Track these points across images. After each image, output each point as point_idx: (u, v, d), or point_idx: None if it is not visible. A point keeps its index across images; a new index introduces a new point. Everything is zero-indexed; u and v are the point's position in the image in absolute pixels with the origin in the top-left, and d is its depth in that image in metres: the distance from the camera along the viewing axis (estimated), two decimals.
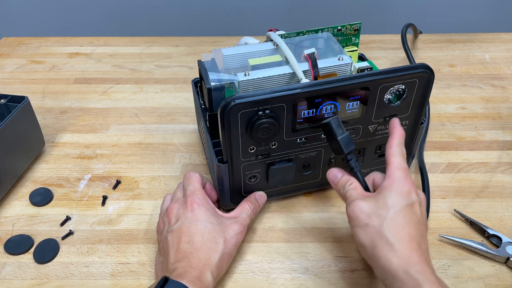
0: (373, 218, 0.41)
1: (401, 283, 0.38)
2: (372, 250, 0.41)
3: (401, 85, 0.50)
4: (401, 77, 0.49)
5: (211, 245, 0.47)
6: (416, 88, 0.51)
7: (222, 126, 0.48)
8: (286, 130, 0.51)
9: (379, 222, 0.41)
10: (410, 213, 0.41)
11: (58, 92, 0.81)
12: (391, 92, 0.51)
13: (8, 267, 0.52)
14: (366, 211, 0.42)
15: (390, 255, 0.39)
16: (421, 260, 0.39)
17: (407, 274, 0.38)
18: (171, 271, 0.44)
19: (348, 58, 0.53)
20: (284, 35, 0.57)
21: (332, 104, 0.50)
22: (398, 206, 0.41)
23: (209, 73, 0.52)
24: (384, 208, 0.41)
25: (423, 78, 0.50)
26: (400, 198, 0.42)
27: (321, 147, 0.54)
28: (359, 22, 0.59)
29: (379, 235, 0.40)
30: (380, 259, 0.40)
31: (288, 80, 0.52)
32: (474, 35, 0.97)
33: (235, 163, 0.52)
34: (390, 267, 0.39)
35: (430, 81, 0.51)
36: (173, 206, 0.51)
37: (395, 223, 0.40)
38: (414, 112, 0.54)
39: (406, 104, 0.53)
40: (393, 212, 0.41)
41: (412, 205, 0.42)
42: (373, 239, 0.41)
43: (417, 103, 0.53)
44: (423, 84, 0.51)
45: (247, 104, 0.46)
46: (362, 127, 0.54)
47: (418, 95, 0.52)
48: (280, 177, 0.55)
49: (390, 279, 0.39)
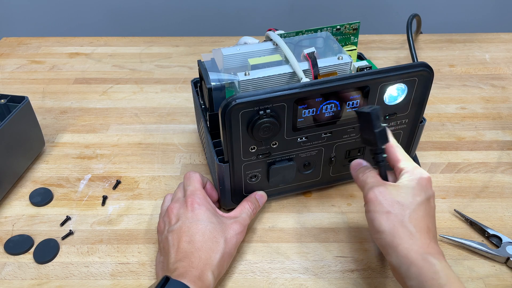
0: (396, 207, 0.43)
1: (418, 268, 0.40)
2: (392, 238, 0.42)
3: (401, 84, 0.51)
4: (401, 76, 0.50)
5: (212, 245, 0.47)
6: (416, 86, 0.51)
7: (223, 126, 0.48)
8: (287, 129, 0.51)
9: (402, 212, 0.42)
10: (428, 206, 0.44)
11: (58, 92, 0.81)
12: (391, 91, 0.51)
13: (8, 267, 0.52)
14: (389, 199, 0.43)
15: (410, 243, 0.41)
16: (437, 249, 0.42)
17: (425, 260, 0.40)
18: (172, 271, 0.44)
19: (348, 57, 0.53)
20: (283, 35, 0.57)
21: (333, 103, 0.50)
22: (419, 198, 0.43)
23: (209, 73, 0.52)
24: (406, 198, 0.43)
25: (422, 77, 0.51)
26: (421, 191, 0.44)
27: (321, 146, 0.54)
28: (358, 21, 0.59)
29: (401, 224, 0.42)
30: (399, 247, 0.41)
31: (288, 79, 0.52)
32: (474, 35, 0.97)
33: (236, 163, 0.52)
34: (408, 254, 0.41)
35: (430, 79, 0.51)
36: (174, 206, 0.51)
37: (417, 215, 0.42)
38: (414, 110, 0.54)
39: (406, 102, 0.53)
40: (416, 204, 0.43)
41: (429, 198, 0.44)
42: (394, 227, 0.42)
43: (416, 102, 0.53)
44: (423, 83, 0.51)
45: (248, 104, 0.46)
46: None
47: (417, 94, 0.52)
48: (280, 177, 0.55)
49: (406, 265, 0.40)
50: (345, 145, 0.56)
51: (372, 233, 0.45)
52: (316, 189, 0.61)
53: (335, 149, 0.56)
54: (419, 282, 0.39)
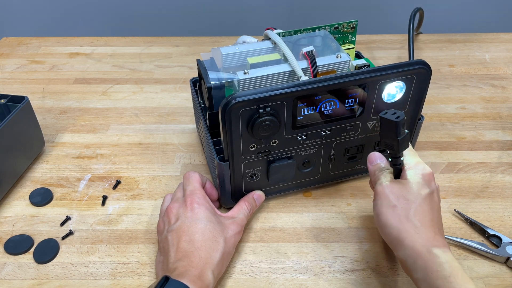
0: (401, 201, 0.44)
1: (424, 261, 0.41)
2: (398, 232, 0.43)
3: (399, 81, 0.51)
4: (399, 74, 0.50)
5: (211, 244, 0.47)
6: (414, 84, 0.52)
7: (223, 125, 0.48)
8: (287, 128, 0.51)
9: (407, 206, 0.44)
10: (432, 201, 0.45)
11: (58, 92, 0.81)
12: (389, 88, 0.51)
13: (8, 267, 0.52)
14: (396, 193, 0.45)
15: (415, 237, 0.42)
16: (443, 242, 0.43)
17: (429, 253, 0.41)
18: (172, 271, 0.44)
19: (346, 55, 0.53)
20: (282, 34, 0.57)
21: (332, 101, 0.50)
22: (423, 193, 0.45)
23: (208, 72, 0.52)
24: (411, 193, 0.45)
25: (420, 74, 0.51)
26: (424, 186, 0.45)
27: (320, 144, 0.55)
28: (356, 20, 0.59)
29: (407, 218, 0.43)
30: (405, 241, 0.43)
31: (287, 78, 0.52)
32: (474, 35, 0.97)
33: (236, 162, 0.52)
34: (414, 247, 0.42)
35: (428, 77, 0.52)
36: (173, 205, 0.51)
37: (422, 209, 0.44)
38: (412, 108, 0.54)
39: (404, 100, 0.53)
40: (420, 198, 0.44)
41: (433, 193, 0.46)
42: (400, 221, 0.43)
43: (414, 99, 0.54)
44: (421, 80, 0.52)
45: (248, 102, 0.47)
46: (361, 124, 0.54)
47: (416, 91, 0.53)
48: (280, 175, 0.55)
49: (412, 258, 0.42)
50: (344, 143, 0.56)
51: (379, 227, 0.46)
52: (316, 189, 0.61)
53: (334, 147, 0.56)
54: (424, 275, 0.41)
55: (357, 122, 0.54)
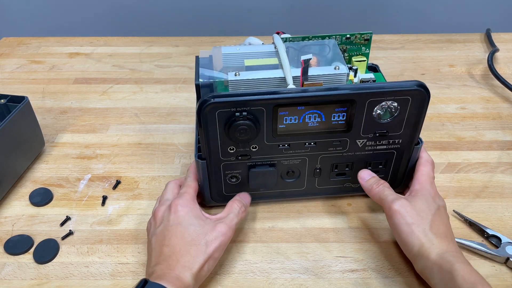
0: (416, 218, 0.48)
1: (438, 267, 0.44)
2: (419, 248, 0.46)
3: (392, 102, 0.48)
4: (390, 93, 0.47)
5: (190, 248, 0.47)
6: (410, 106, 0.49)
7: (199, 123, 0.48)
8: (267, 134, 0.50)
9: (422, 222, 0.47)
10: (441, 215, 0.49)
11: (58, 92, 0.81)
12: (382, 108, 0.49)
13: (8, 267, 0.52)
14: (412, 211, 0.48)
15: (432, 248, 0.46)
16: (455, 248, 0.46)
17: (443, 259, 0.44)
18: (150, 274, 0.45)
19: (345, 67, 0.51)
20: (289, 39, 0.56)
21: (316, 113, 0.49)
22: (433, 209, 0.49)
23: (200, 69, 0.52)
24: (423, 211, 0.48)
25: (416, 97, 0.48)
26: (432, 202, 0.49)
27: (305, 155, 0.53)
28: (370, 32, 0.57)
29: (424, 234, 0.47)
30: (425, 254, 0.46)
31: (278, 84, 0.51)
32: (474, 35, 0.97)
33: (214, 161, 0.52)
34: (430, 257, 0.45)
35: (425, 100, 0.48)
36: (160, 209, 0.51)
37: (434, 223, 0.47)
38: (408, 131, 0.51)
39: (399, 122, 0.50)
40: (431, 214, 0.48)
41: (439, 208, 0.49)
42: (419, 237, 0.47)
43: (411, 122, 0.50)
44: (417, 103, 0.48)
45: (224, 104, 0.46)
46: (349, 140, 0.52)
47: (411, 114, 0.49)
48: (261, 181, 0.54)
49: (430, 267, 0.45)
50: (330, 158, 0.54)
51: (401, 245, 0.49)
52: None
53: (320, 161, 0.54)
54: (440, 280, 0.44)
55: (345, 139, 0.51)
